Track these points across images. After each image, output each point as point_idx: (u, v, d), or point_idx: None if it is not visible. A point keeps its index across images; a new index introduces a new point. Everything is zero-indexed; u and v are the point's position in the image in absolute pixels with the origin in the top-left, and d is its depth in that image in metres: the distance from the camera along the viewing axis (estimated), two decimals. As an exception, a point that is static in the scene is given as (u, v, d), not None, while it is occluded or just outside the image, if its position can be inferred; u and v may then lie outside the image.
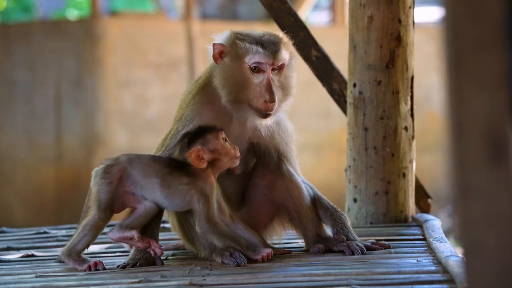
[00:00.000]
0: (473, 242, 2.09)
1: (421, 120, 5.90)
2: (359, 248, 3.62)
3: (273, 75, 3.60)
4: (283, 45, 3.63)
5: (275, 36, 3.66)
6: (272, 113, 3.60)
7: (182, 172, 3.55)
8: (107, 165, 3.61)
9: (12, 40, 11.81)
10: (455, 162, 2.09)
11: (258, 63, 3.58)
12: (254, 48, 3.58)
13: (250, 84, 3.59)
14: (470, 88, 2.08)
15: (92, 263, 3.53)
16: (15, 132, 11.79)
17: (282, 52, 3.60)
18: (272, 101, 3.56)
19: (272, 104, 3.57)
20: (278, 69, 3.61)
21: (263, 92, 3.56)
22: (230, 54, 3.61)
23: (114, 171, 3.60)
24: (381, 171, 4.39)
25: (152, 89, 11.73)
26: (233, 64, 3.61)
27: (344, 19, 13.48)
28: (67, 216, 11.27)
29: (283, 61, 3.61)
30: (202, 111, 3.67)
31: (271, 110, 3.58)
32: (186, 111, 3.69)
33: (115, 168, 3.60)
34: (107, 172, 3.60)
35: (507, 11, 2.08)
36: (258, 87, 3.58)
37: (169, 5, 15.38)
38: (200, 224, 3.53)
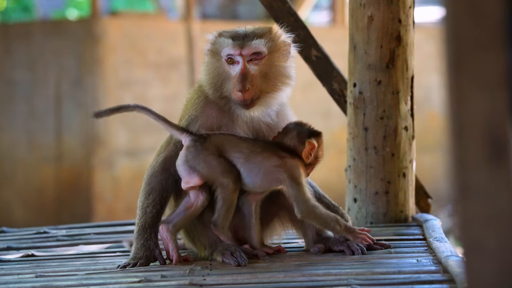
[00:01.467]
0: (473, 242, 2.09)
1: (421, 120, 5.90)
2: (359, 248, 3.62)
3: (252, 65, 3.61)
4: (259, 35, 3.62)
5: (255, 28, 3.67)
6: (250, 103, 3.60)
7: (273, 154, 3.63)
8: (202, 139, 3.61)
9: (12, 40, 11.81)
10: (455, 162, 2.09)
11: (230, 55, 3.61)
12: (226, 41, 3.62)
13: (228, 77, 3.62)
14: (470, 88, 2.08)
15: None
16: (15, 132, 11.79)
17: (252, 42, 3.60)
18: (242, 90, 3.57)
19: (244, 94, 3.57)
20: (256, 58, 3.61)
21: (235, 82, 3.59)
22: (211, 51, 3.67)
23: (211, 146, 3.61)
24: (381, 171, 4.39)
25: (152, 89, 11.72)
26: (213, 60, 3.66)
27: (344, 19, 13.48)
28: (67, 216, 11.27)
29: (254, 50, 3.59)
30: (206, 110, 3.68)
31: (246, 99, 3.58)
32: (190, 111, 3.70)
33: (211, 142, 3.61)
34: (206, 148, 3.60)
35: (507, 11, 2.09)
36: (234, 78, 3.60)
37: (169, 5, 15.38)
38: (298, 208, 3.59)
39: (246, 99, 3.58)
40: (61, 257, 3.92)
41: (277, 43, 3.66)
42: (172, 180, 3.66)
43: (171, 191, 3.68)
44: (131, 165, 11.56)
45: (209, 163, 3.58)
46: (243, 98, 3.58)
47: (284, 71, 3.67)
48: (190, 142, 3.61)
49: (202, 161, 3.58)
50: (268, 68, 3.63)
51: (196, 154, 3.59)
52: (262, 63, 3.62)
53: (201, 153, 3.59)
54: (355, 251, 3.61)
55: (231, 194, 3.59)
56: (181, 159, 3.60)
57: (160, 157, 3.69)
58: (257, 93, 3.60)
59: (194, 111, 3.68)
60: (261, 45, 3.61)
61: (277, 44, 3.66)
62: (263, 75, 3.62)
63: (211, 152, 3.59)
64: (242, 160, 3.61)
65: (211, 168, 3.58)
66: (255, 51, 3.60)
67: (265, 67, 3.63)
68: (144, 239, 3.63)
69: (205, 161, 3.58)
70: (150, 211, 3.64)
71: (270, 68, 3.64)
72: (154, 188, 3.66)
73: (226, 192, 3.58)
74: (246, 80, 3.57)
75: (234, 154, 3.62)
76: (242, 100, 3.58)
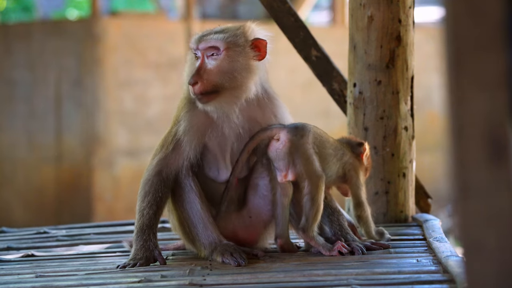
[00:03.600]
0: (473, 242, 2.09)
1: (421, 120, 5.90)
2: (359, 248, 3.62)
3: (211, 60, 3.62)
4: (220, 31, 3.64)
5: (226, 26, 3.69)
6: (204, 97, 3.60)
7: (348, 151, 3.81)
8: (301, 133, 3.64)
9: (12, 40, 11.81)
10: (455, 162, 2.09)
11: (191, 49, 3.66)
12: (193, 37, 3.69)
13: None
14: (470, 88, 2.08)
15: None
16: (15, 132, 11.79)
17: (210, 37, 3.62)
18: (190, 83, 3.59)
19: (194, 87, 3.59)
20: (215, 53, 3.62)
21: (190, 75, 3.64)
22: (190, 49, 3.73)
23: (310, 140, 3.66)
24: (381, 171, 4.39)
25: (152, 89, 11.72)
26: (189, 57, 3.74)
27: (344, 19, 13.47)
28: (67, 216, 11.27)
29: (209, 44, 3.61)
30: (196, 111, 3.68)
31: (196, 93, 3.60)
32: (182, 112, 3.71)
33: (309, 136, 3.66)
34: (307, 142, 3.63)
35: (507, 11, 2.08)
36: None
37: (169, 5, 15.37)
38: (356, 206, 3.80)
39: (196, 93, 3.60)
40: (61, 257, 3.92)
41: (241, 40, 3.64)
42: (166, 182, 3.67)
43: (166, 191, 3.68)
44: (131, 165, 11.56)
45: (308, 158, 3.59)
46: (193, 91, 3.60)
47: (246, 68, 3.64)
48: (287, 136, 3.61)
49: (301, 154, 3.59)
50: (227, 63, 3.62)
51: (296, 148, 3.59)
52: (220, 58, 3.61)
53: (300, 146, 3.60)
54: (355, 251, 3.61)
55: (322, 194, 3.60)
56: (278, 153, 3.61)
57: (154, 160, 3.71)
58: (209, 87, 3.60)
59: (185, 111, 3.70)
60: (218, 40, 3.61)
61: (240, 41, 3.64)
62: (221, 70, 3.61)
63: (309, 146, 3.61)
64: (332, 156, 3.71)
65: (309, 163, 3.59)
66: (210, 45, 3.61)
67: (224, 62, 3.62)
68: (143, 240, 3.63)
69: (304, 154, 3.59)
70: (147, 213, 3.65)
71: (229, 63, 3.62)
72: (148, 191, 3.67)
73: (317, 192, 3.58)
74: (198, 73, 3.60)
75: (326, 150, 3.68)
76: (193, 93, 3.61)
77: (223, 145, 3.70)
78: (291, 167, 3.59)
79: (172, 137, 3.69)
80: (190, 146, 3.66)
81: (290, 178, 3.59)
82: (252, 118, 3.71)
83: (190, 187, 3.67)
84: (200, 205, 3.66)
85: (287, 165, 3.59)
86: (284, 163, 3.59)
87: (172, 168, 3.68)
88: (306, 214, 3.58)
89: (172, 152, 3.68)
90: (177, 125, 3.71)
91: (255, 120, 3.71)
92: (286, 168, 3.59)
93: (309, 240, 3.60)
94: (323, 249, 3.59)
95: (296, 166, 3.58)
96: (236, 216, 3.77)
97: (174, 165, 3.68)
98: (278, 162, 3.61)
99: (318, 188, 3.58)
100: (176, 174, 3.68)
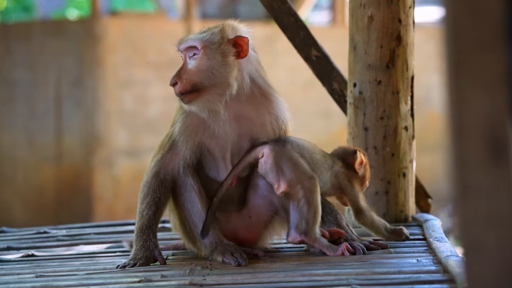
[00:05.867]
0: (473, 242, 2.09)
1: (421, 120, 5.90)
2: (360, 248, 3.63)
3: (192, 60, 3.64)
4: (200, 32, 3.67)
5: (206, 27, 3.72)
6: (185, 97, 3.61)
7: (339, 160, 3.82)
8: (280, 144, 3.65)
9: (12, 40, 11.81)
10: (455, 162, 2.09)
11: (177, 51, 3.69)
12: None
13: None
14: (470, 88, 2.08)
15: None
16: (15, 132, 11.79)
17: (187, 38, 3.66)
18: (170, 84, 3.64)
19: (174, 87, 3.62)
20: (194, 54, 3.64)
21: None
22: None
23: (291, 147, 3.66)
24: (381, 171, 4.39)
25: (152, 89, 11.72)
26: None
27: (344, 19, 13.48)
28: (67, 216, 11.27)
29: (187, 44, 3.63)
30: (192, 113, 3.68)
31: (176, 93, 3.62)
32: (178, 114, 3.72)
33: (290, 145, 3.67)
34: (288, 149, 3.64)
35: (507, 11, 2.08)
36: None
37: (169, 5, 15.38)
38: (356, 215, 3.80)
39: (177, 93, 3.62)
40: (61, 257, 3.92)
41: (217, 38, 3.64)
42: (164, 182, 3.68)
43: (165, 191, 3.68)
44: (131, 165, 11.56)
45: (294, 163, 3.60)
46: (175, 92, 3.63)
47: (225, 65, 3.63)
48: (269, 148, 3.62)
49: (286, 161, 3.60)
50: (204, 62, 3.62)
51: (279, 157, 3.60)
52: (199, 57, 3.62)
53: (284, 154, 3.61)
54: (356, 251, 3.61)
55: (317, 195, 3.60)
56: (266, 167, 3.62)
57: (152, 163, 3.72)
58: (188, 87, 3.60)
59: (181, 114, 3.70)
60: (195, 40, 3.63)
61: (217, 39, 3.64)
62: (200, 69, 3.62)
63: (293, 152, 3.62)
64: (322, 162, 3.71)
65: (296, 168, 3.60)
66: (189, 46, 3.64)
67: (202, 61, 3.62)
68: (143, 240, 3.64)
69: (289, 160, 3.60)
70: (146, 214, 3.66)
71: (207, 61, 3.63)
72: (147, 193, 3.68)
73: (311, 194, 3.58)
74: (178, 74, 3.63)
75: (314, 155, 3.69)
76: (175, 93, 3.63)
77: (220, 145, 3.70)
78: (281, 176, 3.58)
79: (168, 138, 3.71)
80: (186, 146, 3.67)
81: (283, 188, 3.58)
82: (245, 115, 3.70)
83: (191, 187, 3.68)
84: (200, 204, 3.67)
85: (276, 176, 3.59)
86: (274, 175, 3.60)
87: (169, 169, 3.68)
88: (305, 217, 3.57)
89: (168, 153, 3.69)
90: (173, 126, 3.72)
91: (248, 118, 3.71)
92: (277, 179, 3.59)
93: (313, 243, 3.60)
94: (328, 250, 3.60)
95: (285, 174, 3.58)
96: (236, 216, 3.77)
97: (171, 166, 3.68)
98: (268, 176, 3.62)
99: (312, 190, 3.58)
100: (175, 174, 3.68)
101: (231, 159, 3.72)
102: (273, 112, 3.74)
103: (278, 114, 3.75)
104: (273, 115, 3.74)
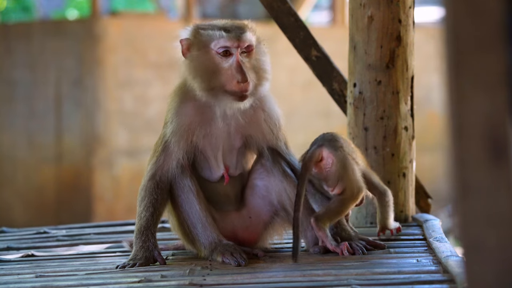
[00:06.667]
0: (473, 242, 2.09)
1: (421, 120, 5.90)
2: (359, 249, 3.63)
3: (243, 58, 3.61)
4: (248, 29, 3.66)
5: (238, 22, 3.70)
6: (248, 95, 3.60)
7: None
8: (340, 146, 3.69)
9: (12, 40, 11.81)
10: (455, 162, 2.09)
11: (225, 47, 3.60)
12: (217, 34, 3.62)
13: (220, 69, 3.60)
14: (470, 88, 2.08)
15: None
16: (15, 132, 11.79)
17: (247, 34, 3.62)
18: (244, 80, 3.57)
19: (245, 84, 3.58)
20: (246, 51, 3.62)
21: (234, 73, 3.58)
22: (195, 45, 3.64)
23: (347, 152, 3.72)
24: (381, 171, 4.39)
25: (152, 89, 11.72)
26: (200, 53, 3.63)
27: (344, 19, 13.47)
28: (67, 216, 11.27)
29: (249, 42, 3.62)
30: (182, 110, 3.68)
31: (245, 90, 3.58)
32: (168, 115, 3.71)
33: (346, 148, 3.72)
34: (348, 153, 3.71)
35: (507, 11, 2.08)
36: (229, 70, 3.59)
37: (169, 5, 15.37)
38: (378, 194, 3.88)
39: (247, 90, 3.58)
40: (61, 257, 3.92)
41: (258, 38, 3.70)
42: (160, 184, 3.68)
43: (161, 193, 3.68)
44: (131, 165, 11.56)
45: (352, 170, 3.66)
46: (244, 88, 3.57)
47: (266, 65, 3.68)
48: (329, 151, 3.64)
49: (345, 167, 3.64)
50: (255, 61, 3.65)
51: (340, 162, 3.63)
52: (251, 56, 3.63)
53: (343, 159, 3.64)
54: (355, 251, 3.61)
55: (353, 204, 3.67)
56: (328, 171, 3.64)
57: (149, 166, 3.72)
58: (252, 85, 3.61)
59: (171, 113, 3.69)
60: (252, 38, 3.63)
61: (258, 39, 3.70)
62: (253, 68, 3.63)
63: (349, 157, 3.67)
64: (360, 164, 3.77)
65: (353, 175, 3.66)
66: (249, 44, 3.62)
67: (253, 60, 3.64)
68: (142, 241, 3.64)
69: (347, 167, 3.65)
70: (144, 216, 3.66)
71: (256, 61, 3.65)
72: (144, 196, 3.68)
73: (350, 201, 3.65)
74: (245, 72, 3.58)
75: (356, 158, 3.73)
76: (242, 90, 3.58)
77: (212, 144, 3.70)
78: (340, 182, 3.64)
79: (161, 140, 3.71)
80: (178, 146, 3.67)
81: (336, 192, 3.65)
82: (243, 114, 3.70)
83: (189, 188, 3.68)
84: (199, 205, 3.67)
85: (335, 181, 3.65)
86: (333, 181, 3.65)
87: (164, 170, 3.68)
88: (328, 207, 3.63)
89: (161, 155, 3.68)
90: (165, 128, 3.72)
91: (246, 116, 3.71)
92: (334, 185, 3.65)
93: (318, 230, 3.60)
94: (329, 242, 3.60)
95: (343, 180, 3.64)
96: (236, 216, 3.77)
97: (165, 167, 3.68)
98: (327, 181, 3.66)
99: (353, 198, 3.66)
100: (170, 175, 3.68)
101: (222, 158, 3.72)
102: (266, 110, 3.75)
103: (272, 111, 3.76)
104: (267, 113, 3.75)
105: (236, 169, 3.75)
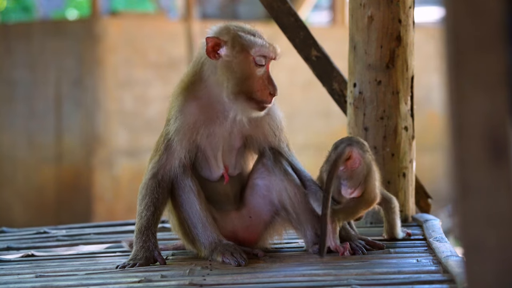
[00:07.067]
0: (473, 242, 2.09)
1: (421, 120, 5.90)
2: (359, 249, 3.63)
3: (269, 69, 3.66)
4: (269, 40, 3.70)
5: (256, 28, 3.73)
6: (269, 106, 3.64)
7: None
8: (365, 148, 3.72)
9: (12, 40, 11.81)
10: (455, 162, 2.09)
11: (264, 56, 3.61)
12: (259, 41, 3.62)
13: (254, 77, 3.60)
14: (470, 88, 2.08)
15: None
16: (15, 132, 11.79)
17: (277, 48, 3.66)
18: (275, 93, 3.62)
19: (273, 97, 3.63)
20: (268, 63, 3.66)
21: (267, 84, 3.60)
22: (232, 47, 3.60)
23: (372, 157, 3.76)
24: (381, 171, 4.38)
25: (152, 89, 11.72)
26: (238, 57, 3.60)
27: (344, 19, 13.48)
28: (67, 216, 11.27)
29: (280, 56, 3.65)
30: (186, 109, 3.67)
31: (270, 102, 3.63)
32: (171, 113, 3.70)
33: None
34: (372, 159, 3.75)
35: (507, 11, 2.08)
36: (261, 80, 3.60)
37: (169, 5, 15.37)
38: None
39: (271, 102, 3.63)
40: (61, 257, 3.92)
41: None
42: (162, 183, 3.67)
43: (163, 192, 3.68)
44: (131, 165, 11.56)
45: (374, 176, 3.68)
46: (271, 100, 3.62)
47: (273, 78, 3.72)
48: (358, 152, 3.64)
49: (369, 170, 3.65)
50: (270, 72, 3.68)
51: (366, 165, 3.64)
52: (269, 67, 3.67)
53: (369, 163, 3.66)
54: (355, 251, 3.61)
55: (365, 209, 3.68)
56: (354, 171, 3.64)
57: (150, 165, 3.71)
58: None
59: (175, 111, 3.68)
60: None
61: None
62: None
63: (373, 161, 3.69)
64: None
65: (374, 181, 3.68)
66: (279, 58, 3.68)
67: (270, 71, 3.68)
68: (142, 241, 3.64)
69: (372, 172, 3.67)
70: (144, 215, 3.66)
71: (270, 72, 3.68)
72: (145, 195, 3.68)
73: (365, 204, 3.66)
74: (275, 84, 3.63)
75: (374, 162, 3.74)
76: (270, 101, 3.62)
77: (213, 144, 3.70)
78: (361, 185, 3.64)
79: (164, 138, 3.70)
80: (181, 145, 3.66)
81: (355, 195, 3.65)
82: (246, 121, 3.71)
83: (189, 188, 3.67)
84: (199, 205, 3.66)
85: (357, 183, 3.64)
86: (355, 182, 3.65)
87: (167, 169, 3.68)
88: (346, 205, 3.64)
89: (164, 153, 3.68)
90: (167, 126, 3.71)
91: (251, 119, 3.71)
92: (355, 186, 3.64)
93: (331, 222, 3.60)
94: (334, 239, 3.61)
95: (365, 183, 3.65)
96: (236, 216, 3.77)
97: (168, 166, 3.68)
98: (350, 180, 3.65)
99: (368, 204, 3.67)
100: (172, 174, 3.68)
101: (222, 158, 3.72)
102: (270, 113, 3.75)
103: (275, 114, 3.78)
104: (270, 116, 3.75)
105: (235, 169, 3.76)
